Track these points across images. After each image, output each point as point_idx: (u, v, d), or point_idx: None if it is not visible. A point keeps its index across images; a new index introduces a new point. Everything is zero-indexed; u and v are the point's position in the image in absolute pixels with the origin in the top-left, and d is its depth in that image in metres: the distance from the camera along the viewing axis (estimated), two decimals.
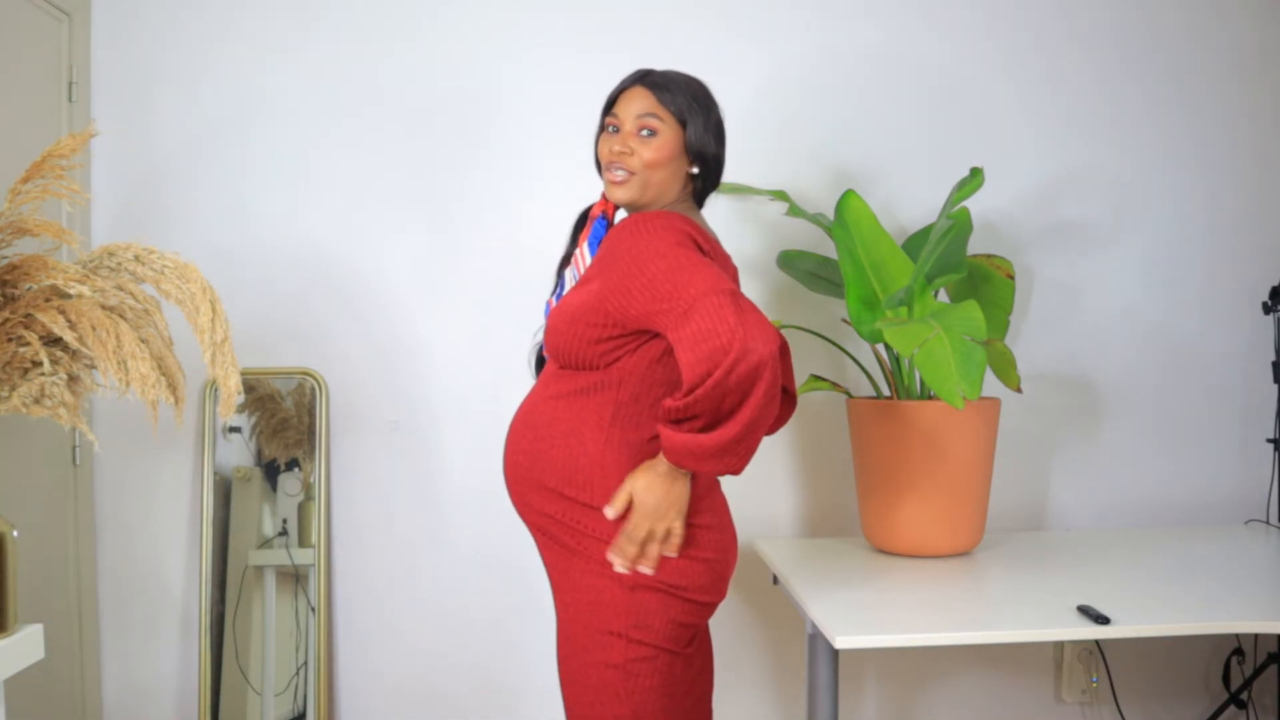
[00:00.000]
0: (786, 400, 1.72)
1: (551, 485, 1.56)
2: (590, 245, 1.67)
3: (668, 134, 1.61)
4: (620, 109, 1.64)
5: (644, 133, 1.61)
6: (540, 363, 1.76)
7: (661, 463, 1.49)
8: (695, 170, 1.65)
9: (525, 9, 2.41)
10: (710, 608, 1.59)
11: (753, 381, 1.39)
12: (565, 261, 1.74)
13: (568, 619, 1.58)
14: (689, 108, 1.62)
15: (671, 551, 1.51)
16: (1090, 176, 2.52)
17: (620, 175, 1.62)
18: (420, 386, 2.42)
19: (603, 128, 1.67)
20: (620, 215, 1.72)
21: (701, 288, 1.42)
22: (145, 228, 2.31)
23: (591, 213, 1.72)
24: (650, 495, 1.48)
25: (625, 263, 1.51)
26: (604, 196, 1.70)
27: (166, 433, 2.30)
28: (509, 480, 1.64)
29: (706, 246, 1.57)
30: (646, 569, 1.50)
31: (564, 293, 1.67)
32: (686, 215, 1.60)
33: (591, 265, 1.62)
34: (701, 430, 1.43)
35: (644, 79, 1.64)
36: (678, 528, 1.50)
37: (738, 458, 1.46)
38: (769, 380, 1.41)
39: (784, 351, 1.71)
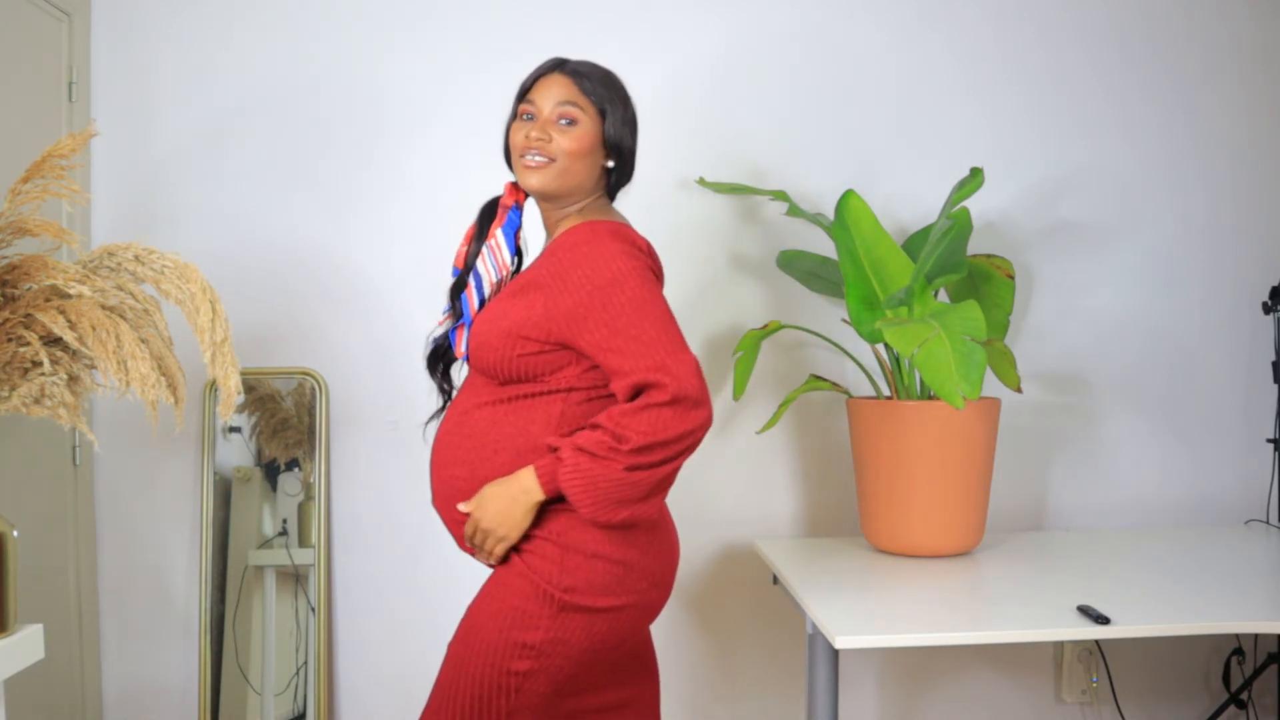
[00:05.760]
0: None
1: None
2: (506, 233, 1.62)
3: (587, 124, 1.57)
4: (538, 96, 1.58)
5: (563, 121, 1.56)
6: (436, 365, 1.71)
7: (522, 481, 1.47)
8: (610, 164, 1.62)
9: (530, 9, 2.41)
10: (640, 627, 1.60)
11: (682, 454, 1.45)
12: (472, 259, 1.65)
13: (483, 613, 1.51)
14: (608, 99, 1.59)
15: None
16: (1090, 176, 2.52)
17: (537, 160, 1.55)
18: (420, 386, 2.40)
19: (516, 115, 1.61)
20: (530, 203, 1.68)
21: (670, 347, 1.44)
22: (145, 228, 2.31)
23: (502, 201, 1.66)
24: (493, 505, 1.49)
25: (582, 289, 1.47)
26: (510, 185, 1.66)
27: (166, 433, 2.30)
28: (440, 499, 1.59)
29: (652, 263, 1.56)
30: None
31: (486, 295, 1.61)
32: (626, 224, 1.58)
33: (530, 273, 1.54)
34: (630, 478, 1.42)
35: (563, 67, 1.60)
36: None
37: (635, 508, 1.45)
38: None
39: None
